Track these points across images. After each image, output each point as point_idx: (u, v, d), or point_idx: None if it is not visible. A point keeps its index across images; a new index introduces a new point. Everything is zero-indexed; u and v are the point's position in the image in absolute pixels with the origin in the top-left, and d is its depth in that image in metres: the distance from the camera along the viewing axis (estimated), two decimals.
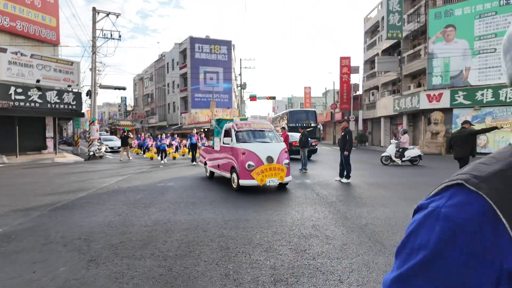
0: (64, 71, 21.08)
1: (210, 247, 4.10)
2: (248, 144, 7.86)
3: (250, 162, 7.45)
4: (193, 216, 5.60)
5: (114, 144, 26.79)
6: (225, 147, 8.48)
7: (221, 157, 8.84)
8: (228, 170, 8.34)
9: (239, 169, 7.57)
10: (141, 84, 66.59)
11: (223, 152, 8.69)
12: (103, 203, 6.75)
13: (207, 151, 10.59)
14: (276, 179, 7.57)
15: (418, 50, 25.43)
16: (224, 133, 8.75)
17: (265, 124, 8.98)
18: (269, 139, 8.51)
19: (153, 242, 4.32)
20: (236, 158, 7.74)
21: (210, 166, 9.96)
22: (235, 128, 8.27)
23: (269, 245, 4.13)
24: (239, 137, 8.09)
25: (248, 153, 7.59)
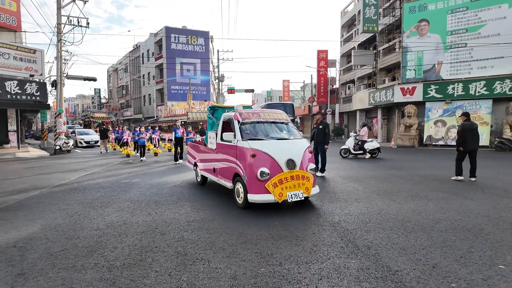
0: (26, 59, 19.56)
1: (166, 253, 3.65)
2: (260, 142, 5.47)
3: (263, 168, 5.10)
4: (153, 216, 5.11)
5: (90, 138, 24.65)
6: (225, 145, 6.06)
7: (219, 159, 6.41)
8: (229, 178, 5.93)
9: (247, 178, 5.23)
10: (116, 76, 64.01)
11: (222, 153, 6.25)
12: (55, 203, 6.11)
13: (197, 149, 8.02)
14: (300, 192, 5.23)
15: (393, 44, 25.69)
16: (222, 125, 6.44)
17: (279, 113, 6.35)
18: (286, 135, 6.05)
19: (101, 248, 3.81)
20: (243, 162, 5.39)
21: (203, 169, 7.47)
22: (239, 119, 5.86)
23: (232, 249, 3.74)
24: (246, 132, 5.69)
25: (260, 155, 5.23)
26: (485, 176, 8.59)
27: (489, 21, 19.33)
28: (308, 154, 5.67)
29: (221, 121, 6.50)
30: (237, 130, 5.72)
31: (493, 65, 19.21)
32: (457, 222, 4.72)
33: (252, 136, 5.66)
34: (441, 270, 3.19)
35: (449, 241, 3.96)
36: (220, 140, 6.27)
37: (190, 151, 8.62)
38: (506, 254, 3.57)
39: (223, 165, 6.19)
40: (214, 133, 6.81)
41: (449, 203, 5.82)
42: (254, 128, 5.87)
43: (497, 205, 5.66)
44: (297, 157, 5.41)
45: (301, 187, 5.30)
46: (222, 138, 6.16)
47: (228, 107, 7.59)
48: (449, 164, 11.59)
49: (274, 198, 5.08)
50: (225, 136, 5.85)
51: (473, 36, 19.84)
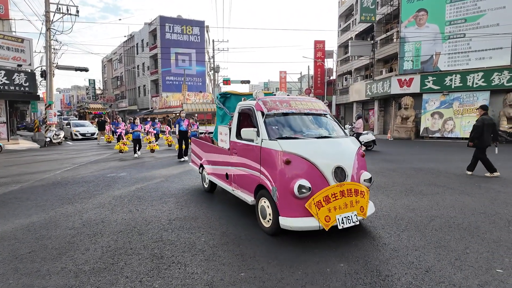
0: (13, 48, 18.98)
1: (140, 256, 3.39)
2: (296, 142, 3.94)
3: (302, 181, 3.60)
4: (133, 214, 4.84)
5: (86, 130, 23.38)
6: (243, 145, 4.51)
7: (234, 163, 4.82)
8: (249, 189, 4.39)
9: (279, 193, 3.70)
10: (110, 66, 63.04)
11: (239, 155, 4.66)
12: (33, 199, 5.82)
13: (204, 147, 6.31)
14: (354, 214, 3.74)
15: (390, 35, 25.26)
16: (238, 118, 4.86)
17: (314, 102, 4.78)
18: (326, 131, 4.51)
19: (72, 250, 3.55)
20: (271, 171, 3.87)
21: (211, 173, 5.85)
22: (263, 109, 4.30)
23: (213, 251, 3.49)
24: (273, 128, 4.21)
25: (298, 161, 3.72)
26: (482, 169, 8.39)
27: (488, 11, 18.95)
28: (361, 159, 4.16)
29: (236, 112, 4.88)
30: (262, 125, 4.12)
31: (491, 56, 18.91)
32: (453, 219, 4.50)
33: (282, 133, 4.15)
34: (435, 274, 2.96)
35: (444, 241, 3.73)
36: (236, 138, 4.71)
37: (195, 149, 6.83)
38: (504, 256, 3.35)
39: (241, 172, 4.57)
40: (226, 128, 5.11)
41: (444, 199, 5.60)
42: (284, 122, 4.35)
43: (494, 201, 5.45)
44: (348, 164, 3.89)
45: (354, 206, 3.75)
46: (239, 136, 4.63)
47: (244, 94, 6.02)
48: (445, 157, 11.39)
49: (318, 224, 3.53)
50: (244, 134, 4.19)
51: (471, 26, 19.47)
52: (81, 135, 22.76)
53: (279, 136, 4.02)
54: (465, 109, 19.17)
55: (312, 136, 4.23)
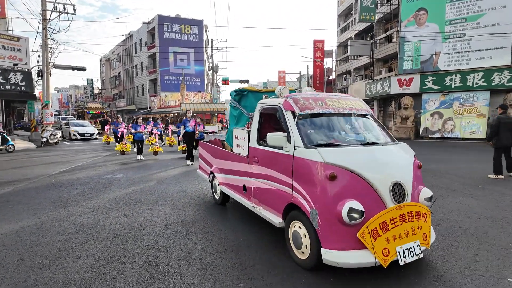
0: (9, 47, 18.76)
1: (134, 264, 3.23)
2: (341, 151, 3.16)
3: (353, 203, 2.82)
4: (128, 218, 4.67)
5: (85, 130, 22.32)
6: (269, 153, 3.67)
7: (254, 174, 4.00)
8: (276, 208, 3.57)
9: (321, 219, 2.90)
10: (108, 66, 62.74)
11: (262, 164, 3.83)
12: (25, 202, 5.64)
13: (214, 152, 5.43)
14: (417, 244, 2.94)
15: (390, 34, 25.16)
16: (259, 120, 4.03)
17: (353, 100, 3.90)
18: (372, 136, 3.72)
19: (62, 258, 3.38)
20: (309, 188, 3.07)
21: (224, 183, 5.01)
22: (294, 109, 3.46)
23: (210, 259, 3.32)
24: (308, 132, 3.44)
25: (345, 176, 2.94)
26: (483, 170, 8.25)
27: (488, 10, 18.83)
28: (418, 171, 3.35)
29: (257, 112, 4.06)
30: (294, 129, 3.30)
31: (491, 55, 18.79)
32: (459, 224, 4.35)
33: (320, 139, 3.36)
34: (445, 285, 2.81)
35: (452, 248, 3.58)
36: (257, 143, 3.90)
37: (204, 155, 5.93)
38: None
39: (264, 185, 3.74)
40: (243, 131, 4.33)
41: (448, 202, 5.45)
42: (320, 124, 3.57)
43: (499, 204, 5.30)
44: (407, 179, 3.09)
45: (416, 234, 2.94)
46: (260, 141, 3.89)
47: (264, 91, 5.13)
48: (445, 157, 11.26)
49: (374, 259, 2.71)
50: (271, 139, 3.36)
51: (472, 26, 19.35)
52: (80, 135, 22.00)
53: (317, 143, 3.24)
54: (465, 109, 19.05)
55: (356, 142, 3.44)
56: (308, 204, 2.99)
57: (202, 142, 6.10)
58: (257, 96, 5.00)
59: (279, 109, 3.63)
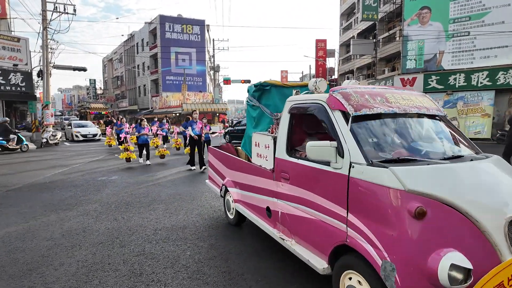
0: (9, 48, 18.77)
1: (118, 273, 3.09)
2: (428, 171, 2.12)
3: (455, 255, 1.79)
4: (118, 222, 4.54)
5: (87, 131, 21.51)
6: (305, 168, 2.73)
7: (284, 195, 3.05)
8: (319, 247, 2.59)
9: (402, 278, 1.85)
10: (111, 66, 62.91)
11: (293, 182, 2.91)
12: (17, 205, 5.53)
13: (228, 161, 4.48)
14: None
15: (393, 33, 24.91)
16: (289, 122, 3.07)
17: (418, 95, 2.89)
18: (454, 146, 2.72)
19: (45, 265, 3.25)
20: (378, 227, 2.04)
21: (239, 201, 4.09)
22: (345, 107, 2.44)
23: (197, 267, 3.17)
24: (369, 142, 2.43)
25: (440, 211, 1.94)
26: None
27: (493, 8, 18.53)
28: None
29: (286, 112, 3.09)
30: (348, 137, 2.35)
31: (496, 54, 18.49)
32: None
33: (387, 152, 2.41)
34: None
35: None
36: (288, 154, 2.97)
37: (214, 163, 4.94)
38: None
39: (300, 212, 2.78)
40: (267, 136, 3.38)
41: None
42: (385, 130, 2.58)
43: None
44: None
45: None
46: (292, 151, 3.00)
47: (293, 85, 4.18)
48: None
49: None
50: (312, 152, 2.39)
51: (476, 24, 19.05)
52: (82, 136, 21.08)
53: (385, 159, 2.25)
54: (470, 109, 18.76)
55: (435, 156, 2.43)
56: (377, 251, 1.99)
57: (212, 148, 5.08)
58: (283, 92, 4.03)
59: (321, 108, 2.61)
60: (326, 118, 2.56)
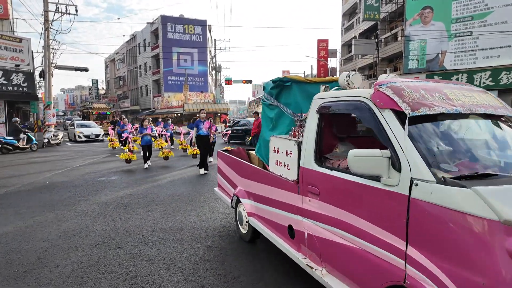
0: (11, 48, 18.84)
1: (113, 274, 3.06)
2: None
3: None
4: (115, 223, 4.52)
5: (90, 131, 21.04)
6: (338, 180, 2.23)
7: (311, 213, 2.53)
8: (362, 283, 2.05)
9: None
10: (113, 66, 63.10)
11: (324, 198, 2.39)
12: (15, 205, 5.52)
13: (240, 167, 3.98)
14: None
15: (395, 33, 24.82)
16: (319, 123, 2.54)
17: (481, 93, 2.34)
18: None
19: (40, 267, 3.23)
20: (461, 272, 1.50)
21: (253, 214, 3.57)
22: (399, 106, 1.89)
23: (193, 270, 3.14)
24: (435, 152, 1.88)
25: None
26: None
27: (496, 8, 18.41)
28: None
29: (314, 112, 2.60)
30: (407, 145, 1.81)
31: (499, 54, 18.36)
32: None
33: (457, 162, 1.89)
34: None
35: None
36: (316, 163, 2.48)
37: (224, 170, 4.45)
38: None
39: (335, 236, 2.28)
40: (289, 141, 2.85)
41: None
42: (451, 136, 2.11)
43: None
44: None
45: None
46: (322, 160, 2.52)
47: (318, 81, 3.48)
48: None
49: None
50: (356, 162, 1.88)
51: (479, 24, 18.93)
52: (85, 137, 20.55)
53: (460, 174, 1.74)
54: None
55: None
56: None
57: (222, 153, 4.59)
58: (306, 88, 3.40)
59: (363, 107, 2.11)
60: (372, 119, 2.03)
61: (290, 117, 3.27)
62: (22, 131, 15.81)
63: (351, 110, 2.34)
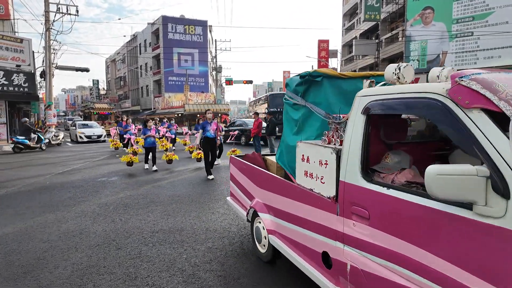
0: (12, 49, 18.87)
1: (113, 276, 3.05)
2: None
3: None
4: (116, 224, 4.51)
5: (92, 132, 20.64)
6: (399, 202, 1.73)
7: (357, 241, 2.01)
8: None
9: None
10: (114, 67, 63.18)
11: (374, 223, 1.88)
12: (15, 206, 5.52)
13: (258, 177, 3.43)
14: None
15: (396, 33, 24.81)
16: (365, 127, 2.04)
17: None
18: None
19: (39, 268, 3.22)
20: None
21: (275, 232, 3.05)
22: (494, 104, 1.41)
23: (193, 271, 3.13)
24: None
25: None
26: None
27: (497, 9, 18.38)
28: None
29: (359, 113, 2.11)
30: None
31: (500, 55, 18.33)
32: None
33: None
34: None
35: None
36: (365, 177, 1.99)
37: (238, 177, 3.98)
38: None
39: (398, 278, 1.72)
40: (324, 148, 2.35)
41: None
42: None
43: None
44: None
45: None
46: (372, 174, 2.05)
47: (354, 76, 3.04)
48: None
49: None
50: (443, 185, 1.37)
51: (480, 25, 18.91)
52: (87, 138, 20.14)
53: None
54: None
55: None
56: None
57: (235, 159, 4.14)
58: (339, 85, 2.95)
59: (437, 107, 1.63)
60: (450, 123, 1.56)
61: (322, 118, 2.77)
62: (33, 130, 16.15)
63: (415, 111, 1.86)
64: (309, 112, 2.94)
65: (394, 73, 2.06)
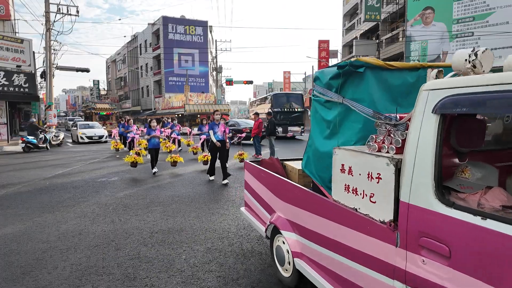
0: (13, 49, 18.88)
1: (112, 276, 3.05)
2: None
3: None
4: (115, 225, 4.50)
5: (93, 132, 20.14)
6: (501, 238, 1.20)
7: (425, 282, 1.49)
8: None
9: None
10: (114, 67, 63.24)
11: (458, 266, 1.35)
12: (14, 206, 5.52)
13: (280, 187, 2.94)
14: None
15: (396, 34, 24.81)
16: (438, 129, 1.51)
17: None
18: None
19: (38, 269, 3.22)
20: None
21: (303, 255, 2.55)
22: None
23: (192, 272, 3.12)
24: None
25: None
26: None
27: (497, 9, 18.39)
28: None
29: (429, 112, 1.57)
30: None
31: (501, 55, 18.31)
32: None
33: None
34: None
35: None
36: (442, 200, 1.47)
37: (253, 186, 3.58)
38: None
39: None
40: (376, 158, 1.81)
41: None
42: None
43: None
44: None
45: None
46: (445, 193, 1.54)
47: (405, 67, 2.43)
48: None
49: None
50: None
51: (480, 25, 18.92)
52: (88, 138, 19.78)
53: None
54: None
55: None
56: None
57: (250, 164, 3.69)
58: (384, 78, 2.35)
59: None
60: None
61: (364, 119, 2.19)
62: (41, 130, 16.66)
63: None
64: (346, 111, 2.36)
65: (467, 60, 1.59)
